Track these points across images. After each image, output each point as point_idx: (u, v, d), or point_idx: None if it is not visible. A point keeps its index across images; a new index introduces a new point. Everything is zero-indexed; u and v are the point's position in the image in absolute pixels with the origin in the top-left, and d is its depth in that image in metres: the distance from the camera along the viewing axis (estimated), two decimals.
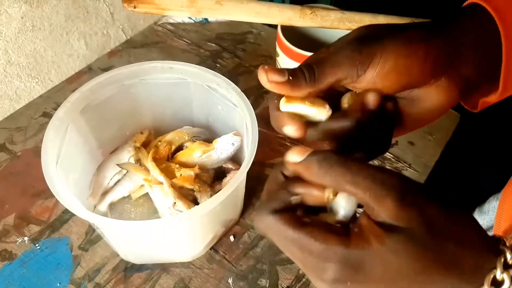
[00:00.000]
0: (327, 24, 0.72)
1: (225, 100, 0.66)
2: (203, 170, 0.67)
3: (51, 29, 0.82)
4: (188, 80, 0.68)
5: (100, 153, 0.71)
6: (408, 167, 0.77)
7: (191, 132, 0.72)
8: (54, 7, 0.80)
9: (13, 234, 0.68)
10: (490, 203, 0.75)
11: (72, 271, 0.64)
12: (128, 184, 0.69)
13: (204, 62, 0.93)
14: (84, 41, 0.90)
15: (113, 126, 0.71)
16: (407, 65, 0.37)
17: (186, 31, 1.00)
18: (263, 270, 0.65)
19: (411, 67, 0.37)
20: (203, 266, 0.65)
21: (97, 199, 0.68)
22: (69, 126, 0.61)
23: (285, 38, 0.76)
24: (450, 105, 0.41)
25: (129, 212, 0.69)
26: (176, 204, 0.62)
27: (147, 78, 0.67)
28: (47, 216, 0.70)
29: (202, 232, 0.62)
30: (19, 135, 0.79)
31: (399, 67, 0.37)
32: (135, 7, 0.73)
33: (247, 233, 0.69)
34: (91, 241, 0.67)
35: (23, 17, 0.76)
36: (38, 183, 0.70)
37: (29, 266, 0.64)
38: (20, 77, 0.82)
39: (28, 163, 0.75)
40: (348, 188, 0.32)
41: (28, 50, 0.80)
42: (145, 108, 0.72)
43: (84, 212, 0.51)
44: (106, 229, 0.58)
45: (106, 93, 0.65)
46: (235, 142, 0.66)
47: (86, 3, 0.86)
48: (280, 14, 0.72)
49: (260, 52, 0.96)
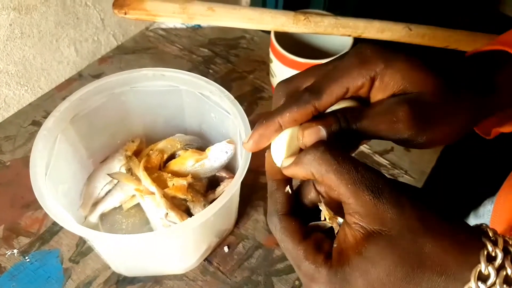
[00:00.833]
0: (321, 30, 0.71)
1: (218, 108, 0.65)
2: (196, 179, 0.66)
3: (40, 36, 0.81)
4: (180, 88, 0.67)
5: (90, 163, 0.70)
6: (404, 173, 0.76)
7: (184, 140, 0.71)
8: (43, 14, 0.79)
9: (2, 247, 0.66)
10: (485, 207, 0.74)
11: (63, 284, 0.63)
12: (119, 195, 0.67)
13: (197, 68, 0.92)
14: (74, 47, 0.88)
15: (103, 135, 0.69)
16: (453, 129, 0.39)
17: (178, 37, 0.99)
18: (258, 282, 0.64)
19: (453, 132, 0.39)
20: (196, 278, 0.64)
21: (88, 210, 0.67)
22: (58, 136, 0.60)
23: (279, 44, 0.75)
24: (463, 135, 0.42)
25: (120, 223, 0.68)
26: (168, 215, 0.61)
27: (138, 86, 0.66)
28: (37, 228, 0.68)
29: (196, 243, 0.61)
30: (8, 144, 0.78)
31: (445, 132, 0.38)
32: (125, 14, 0.72)
33: (241, 244, 0.67)
34: (82, 253, 0.66)
35: (11, 24, 0.75)
36: (28, 193, 0.68)
37: (19, 280, 0.63)
38: (9, 85, 0.80)
39: (18, 173, 0.74)
40: (331, 177, 0.33)
41: (17, 58, 0.79)
42: (136, 116, 0.71)
43: (74, 226, 0.50)
44: (96, 242, 0.57)
45: (96, 102, 0.64)
46: (229, 150, 0.65)
47: (76, 9, 0.85)
48: (273, 20, 0.71)
49: (253, 57, 0.95)
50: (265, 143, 0.39)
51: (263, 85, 0.90)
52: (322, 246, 0.35)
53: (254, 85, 0.90)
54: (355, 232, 0.32)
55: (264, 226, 0.69)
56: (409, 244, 0.31)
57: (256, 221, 0.70)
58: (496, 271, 0.30)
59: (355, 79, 0.37)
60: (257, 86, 0.89)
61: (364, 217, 0.32)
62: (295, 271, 0.37)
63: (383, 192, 0.32)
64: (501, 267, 0.31)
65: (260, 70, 0.93)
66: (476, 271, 0.30)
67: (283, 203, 0.38)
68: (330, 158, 0.33)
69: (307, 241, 0.35)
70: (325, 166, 0.33)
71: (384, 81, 0.37)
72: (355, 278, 0.32)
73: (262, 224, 0.70)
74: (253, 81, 0.90)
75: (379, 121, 0.37)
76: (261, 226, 0.69)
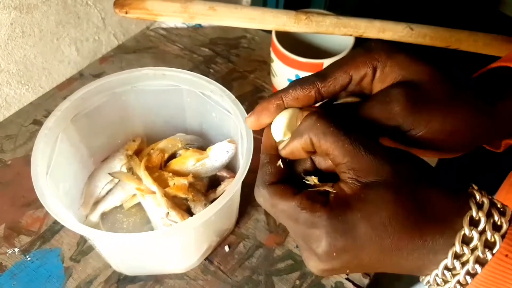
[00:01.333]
0: (322, 30, 0.71)
1: (219, 107, 0.65)
2: (197, 179, 0.66)
3: (42, 35, 0.81)
4: (181, 87, 0.67)
5: (91, 162, 0.70)
6: None
7: (185, 140, 0.71)
8: (44, 13, 0.79)
9: (3, 245, 0.66)
10: None
11: (63, 283, 0.63)
12: (120, 194, 0.67)
13: (197, 67, 0.92)
14: (75, 47, 0.88)
15: (104, 134, 0.69)
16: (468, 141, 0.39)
17: (179, 36, 0.99)
18: (259, 281, 0.64)
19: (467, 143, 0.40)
20: (197, 278, 0.64)
21: (89, 208, 0.67)
22: (59, 135, 0.60)
23: (280, 43, 0.75)
24: None
25: (121, 222, 0.68)
26: (169, 214, 0.61)
27: (139, 85, 0.66)
28: (38, 227, 0.68)
29: (196, 243, 0.61)
30: (9, 143, 0.78)
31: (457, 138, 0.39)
32: (126, 13, 0.72)
33: (242, 243, 0.67)
34: (83, 252, 0.66)
35: (12, 23, 0.75)
36: (29, 192, 0.68)
37: (20, 278, 0.63)
38: (10, 84, 0.80)
39: (19, 172, 0.74)
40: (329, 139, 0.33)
41: (18, 57, 0.79)
42: (137, 115, 0.71)
43: (75, 224, 0.50)
44: (97, 241, 0.57)
45: (97, 101, 0.64)
46: (230, 149, 0.65)
47: (77, 9, 0.84)
48: (274, 19, 0.71)
49: (254, 57, 0.95)
50: (266, 119, 0.39)
51: (264, 84, 0.90)
52: (316, 198, 0.34)
53: (255, 85, 0.90)
54: (352, 185, 0.33)
55: (265, 226, 0.69)
56: (406, 191, 0.32)
57: (257, 220, 0.70)
58: (485, 217, 0.32)
59: (359, 67, 0.38)
60: (258, 86, 0.89)
61: (361, 171, 0.33)
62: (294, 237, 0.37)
63: (378, 150, 0.33)
64: (489, 214, 0.32)
65: (261, 69, 0.93)
66: (467, 217, 0.32)
67: (273, 174, 0.37)
68: (327, 122, 0.34)
69: (300, 195, 0.34)
70: (322, 129, 0.34)
71: (385, 72, 0.38)
72: (358, 220, 0.32)
73: (263, 223, 0.70)
74: (254, 80, 0.90)
75: (374, 104, 0.38)
76: (262, 226, 0.69)
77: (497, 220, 0.32)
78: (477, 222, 0.32)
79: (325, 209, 0.33)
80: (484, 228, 0.32)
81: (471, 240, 0.32)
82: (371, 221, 0.32)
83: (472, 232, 0.32)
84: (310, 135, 0.34)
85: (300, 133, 0.35)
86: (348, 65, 0.38)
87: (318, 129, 0.34)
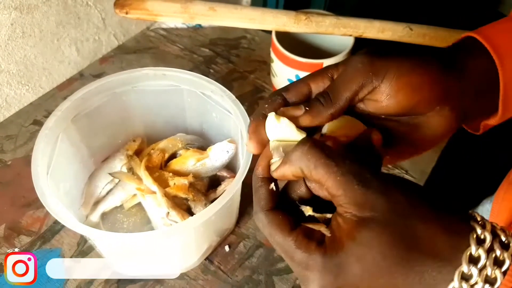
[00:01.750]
0: (322, 30, 0.71)
1: (219, 107, 0.65)
2: (197, 179, 0.66)
3: (42, 35, 0.81)
4: (181, 87, 0.67)
5: (91, 162, 0.70)
6: (405, 173, 0.76)
7: (185, 140, 0.71)
8: (44, 14, 0.79)
9: (3, 246, 0.66)
10: (484, 206, 0.74)
11: (64, 283, 0.63)
12: (120, 194, 0.67)
13: (198, 67, 0.92)
14: (76, 47, 0.88)
15: (104, 135, 0.69)
16: (420, 82, 0.39)
17: (179, 37, 0.99)
18: (259, 281, 0.64)
19: (423, 85, 0.39)
20: (197, 277, 0.64)
21: (89, 208, 0.67)
22: (60, 135, 0.60)
23: (280, 44, 0.75)
24: (449, 134, 0.42)
25: (121, 222, 0.68)
26: (169, 214, 0.61)
27: (139, 86, 0.66)
28: (38, 227, 0.68)
29: (197, 242, 0.61)
30: (9, 144, 0.78)
31: (413, 83, 0.38)
32: (127, 13, 0.72)
33: (242, 243, 0.68)
34: (83, 252, 0.66)
35: (13, 23, 0.75)
36: (29, 193, 0.68)
37: None
38: (10, 84, 0.80)
39: (19, 173, 0.74)
40: (320, 171, 0.33)
41: (18, 57, 0.79)
42: (138, 115, 0.71)
43: (75, 224, 0.50)
44: (98, 241, 0.57)
45: (98, 101, 0.64)
46: (230, 149, 0.65)
47: (77, 9, 0.85)
48: (274, 20, 0.71)
49: (254, 57, 0.95)
50: (263, 142, 0.40)
51: (264, 85, 0.90)
52: (312, 235, 0.34)
53: (255, 85, 0.90)
54: (348, 220, 0.33)
55: None
56: (402, 228, 0.32)
57: None
58: (486, 253, 0.31)
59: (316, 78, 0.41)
60: (258, 86, 0.90)
61: (355, 206, 0.32)
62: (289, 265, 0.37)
63: (371, 182, 0.32)
64: (491, 249, 0.31)
65: (261, 70, 0.93)
66: (467, 253, 0.31)
67: (268, 199, 0.37)
68: (318, 152, 0.33)
69: (297, 231, 0.35)
70: (313, 160, 0.33)
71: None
72: (351, 263, 0.32)
73: None
74: (254, 81, 0.91)
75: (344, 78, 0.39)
76: None
77: (499, 255, 0.31)
78: (476, 259, 0.31)
79: (320, 250, 0.33)
80: (484, 264, 0.31)
81: (470, 277, 0.31)
82: (365, 263, 0.32)
83: (471, 269, 0.31)
84: (301, 166, 0.34)
85: (291, 161, 0.35)
86: (308, 77, 0.41)
87: (310, 160, 0.33)
